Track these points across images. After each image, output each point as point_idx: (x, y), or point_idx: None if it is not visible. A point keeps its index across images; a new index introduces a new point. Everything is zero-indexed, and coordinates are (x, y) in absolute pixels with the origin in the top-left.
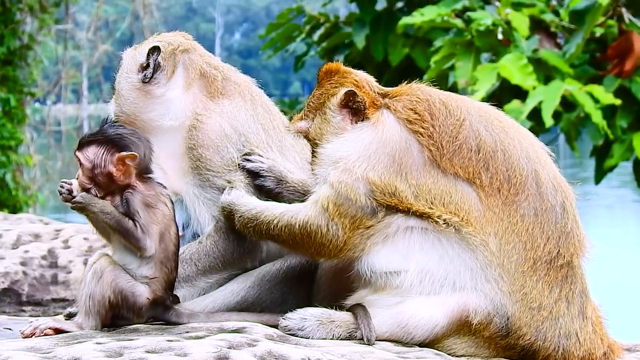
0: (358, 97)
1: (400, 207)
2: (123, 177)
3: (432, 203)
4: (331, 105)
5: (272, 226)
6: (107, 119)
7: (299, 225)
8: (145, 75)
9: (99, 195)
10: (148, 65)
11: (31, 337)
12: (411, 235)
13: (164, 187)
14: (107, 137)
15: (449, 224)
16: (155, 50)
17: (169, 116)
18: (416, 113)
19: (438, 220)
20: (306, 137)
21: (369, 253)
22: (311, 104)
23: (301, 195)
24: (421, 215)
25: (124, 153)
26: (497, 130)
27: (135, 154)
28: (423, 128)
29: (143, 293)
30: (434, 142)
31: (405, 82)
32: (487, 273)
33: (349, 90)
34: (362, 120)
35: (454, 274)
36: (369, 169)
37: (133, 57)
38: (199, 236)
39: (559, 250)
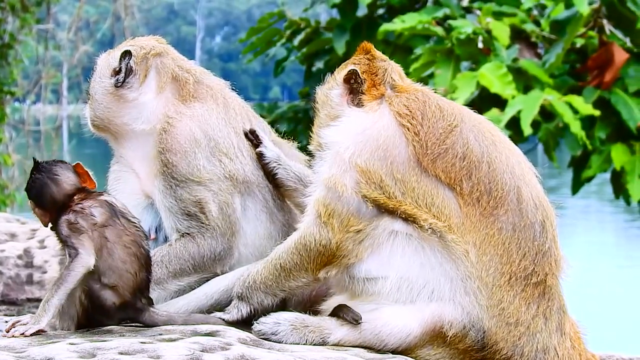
0: (359, 78)
1: (390, 206)
2: (44, 219)
3: (417, 202)
4: (337, 76)
5: (286, 256)
6: (35, 163)
7: (298, 239)
8: (117, 80)
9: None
10: (121, 69)
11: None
12: (395, 240)
13: (99, 194)
14: (26, 189)
15: (434, 230)
16: (127, 54)
17: (141, 120)
18: (408, 109)
19: (423, 224)
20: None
21: (362, 260)
22: (337, 69)
23: (297, 178)
24: (407, 219)
25: (30, 204)
26: (487, 143)
27: (31, 202)
28: (411, 124)
29: (109, 298)
30: (419, 139)
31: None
32: (467, 285)
33: (352, 69)
34: (358, 105)
35: (433, 283)
36: (356, 154)
37: (106, 61)
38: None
39: (534, 268)
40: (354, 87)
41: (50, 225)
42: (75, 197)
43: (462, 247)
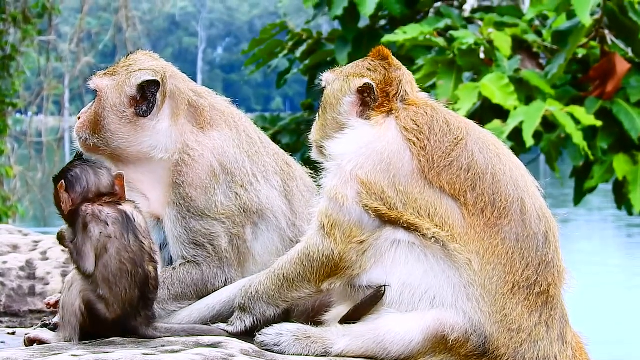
0: (373, 95)
1: (392, 216)
2: (64, 205)
3: (419, 213)
4: (351, 83)
5: (289, 267)
6: (77, 154)
7: (301, 250)
8: (144, 110)
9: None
10: (143, 97)
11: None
12: (397, 249)
13: (117, 204)
14: (61, 172)
15: (437, 239)
16: (152, 84)
17: (159, 149)
18: (416, 124)
19: (427, 232)
20: (321, 90)
21: (365, 270)
22: (348, 67)
23: None
24: (409, 228)
25: (59, 186)
26: (491, 155)
27: (62, 183)
28: (417, 139)
29: (103, 311)
30: (426, 154)
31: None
32: (469, 292)
33: (369, 84)
34: (366, 118)
35: (435, 289)
36: (358, 166)
37: (119, 89)
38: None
39: (537, 278)
40: (366, 100)
41: (65, 214)
42: (103, 198)
43: (465, 256)
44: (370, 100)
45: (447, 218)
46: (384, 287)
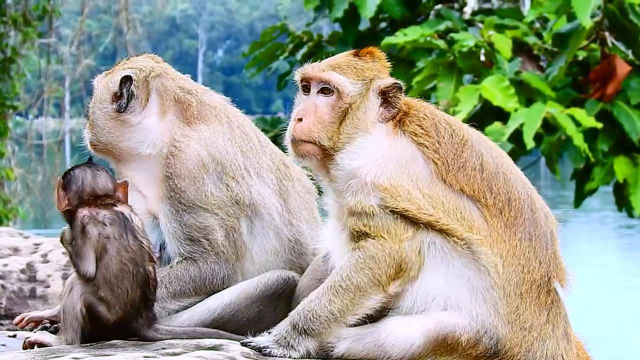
0: (400, 94)
1: (422, 219)
2: (58, 204)
3: (448, 216)
4: (375, 85)
5: (356, 275)
6: (90, 158)
7: (362, 256)
8: (120, 105)
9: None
10: (122, 94)
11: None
12: (428, 253)
13: (113, 206)
14: (65, 172)
15: (468, 244)
16: (127, 79)
17: (146, 143)
18: (422, 128)
19: (458, 238)
20: (338, 95)
21: (424, 270)
22: (354, 67)
23: None
24: (440, 231)
25: (58, 183)
26: (496, 154)
27: (60, 180)
28: (429, 142)
29: (104, 313)
30: (440, 156)
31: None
32: (487, 295)
33: (397, 83)
34: (385, 121)
35: (449, 292)
36: (377, 175)
37: (105, 85)
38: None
39: (549, 275)
40: (390, 101)
41: (62, 213)
42: (99, 201)
43: (492, 260)
44: (396, 100)
45: (473, 221)
46: (388, 310)
